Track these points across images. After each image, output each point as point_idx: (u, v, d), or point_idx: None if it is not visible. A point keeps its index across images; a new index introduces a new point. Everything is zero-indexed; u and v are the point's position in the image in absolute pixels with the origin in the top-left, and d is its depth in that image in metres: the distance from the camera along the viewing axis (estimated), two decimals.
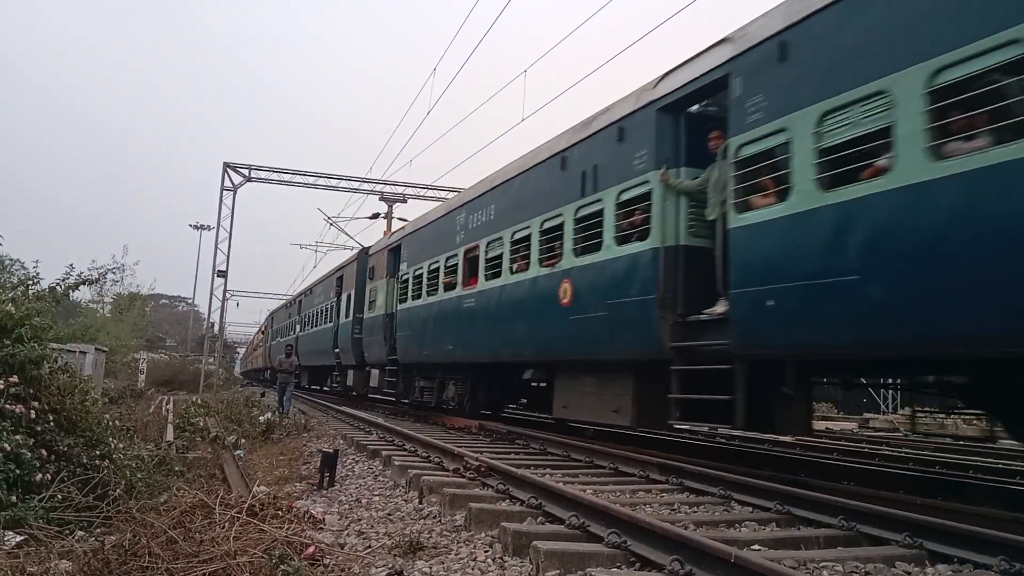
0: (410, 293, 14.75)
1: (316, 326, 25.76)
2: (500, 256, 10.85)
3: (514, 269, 10.48)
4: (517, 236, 10.44)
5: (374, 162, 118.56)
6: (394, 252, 16.67)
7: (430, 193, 30.50)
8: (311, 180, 30.41)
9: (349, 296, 20.21)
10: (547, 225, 9.67)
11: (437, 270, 13.34)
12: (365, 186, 30.71)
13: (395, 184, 30.66)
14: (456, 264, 12.49)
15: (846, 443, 11.79)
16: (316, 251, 41.55)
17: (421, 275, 14.21)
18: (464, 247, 12.28)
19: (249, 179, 29.87)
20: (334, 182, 30.61)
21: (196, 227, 45.47)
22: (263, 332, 46.83)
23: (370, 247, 19.92)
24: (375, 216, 31.47)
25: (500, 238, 10.95)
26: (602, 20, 17.99)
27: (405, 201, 30.95)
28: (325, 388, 29.55)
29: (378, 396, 20.09)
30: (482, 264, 11.41)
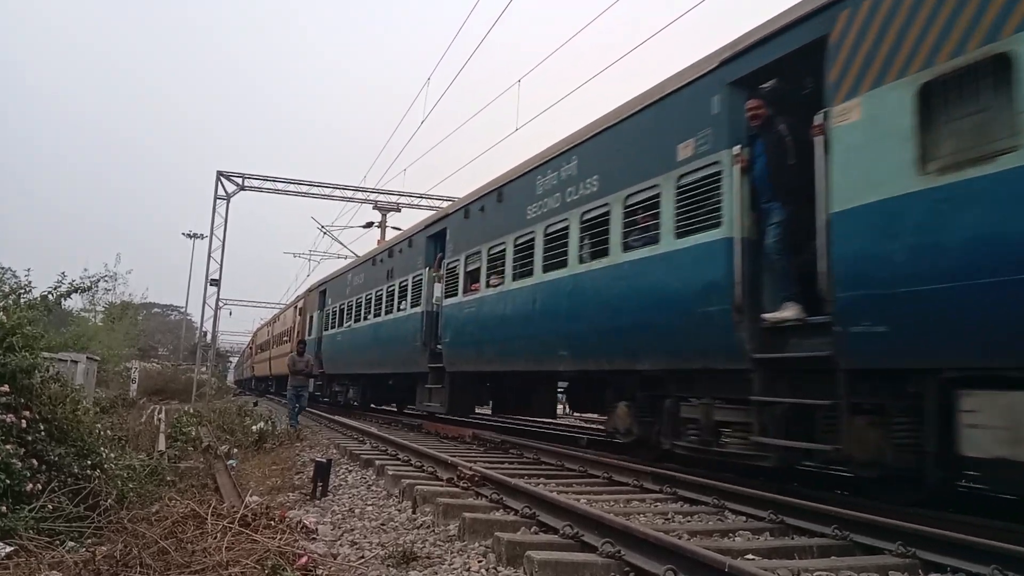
0: None
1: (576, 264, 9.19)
2: None
3: None
4: None
5: (368, 171, 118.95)
6: None
7: (424, 202, 30.56)
8: (305, 189, 30.45)
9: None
10: None
11: None
12: (359, 195, 30.76)
13: (389, 193, 30.70)
14: None
15: None
16: (310, 260, 41.51)
17: None
18: None
19: (243, 188, 29.87)
20: (328, 191, 30.65)
21: (189, 235, 45.54)
22: (297, 312, 28.41)
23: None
24: (369, 225, 31.53)
25: None
26: (596, 31, 18.13)
27: (399, 210, 31.02)
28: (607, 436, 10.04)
29: None
30: None
